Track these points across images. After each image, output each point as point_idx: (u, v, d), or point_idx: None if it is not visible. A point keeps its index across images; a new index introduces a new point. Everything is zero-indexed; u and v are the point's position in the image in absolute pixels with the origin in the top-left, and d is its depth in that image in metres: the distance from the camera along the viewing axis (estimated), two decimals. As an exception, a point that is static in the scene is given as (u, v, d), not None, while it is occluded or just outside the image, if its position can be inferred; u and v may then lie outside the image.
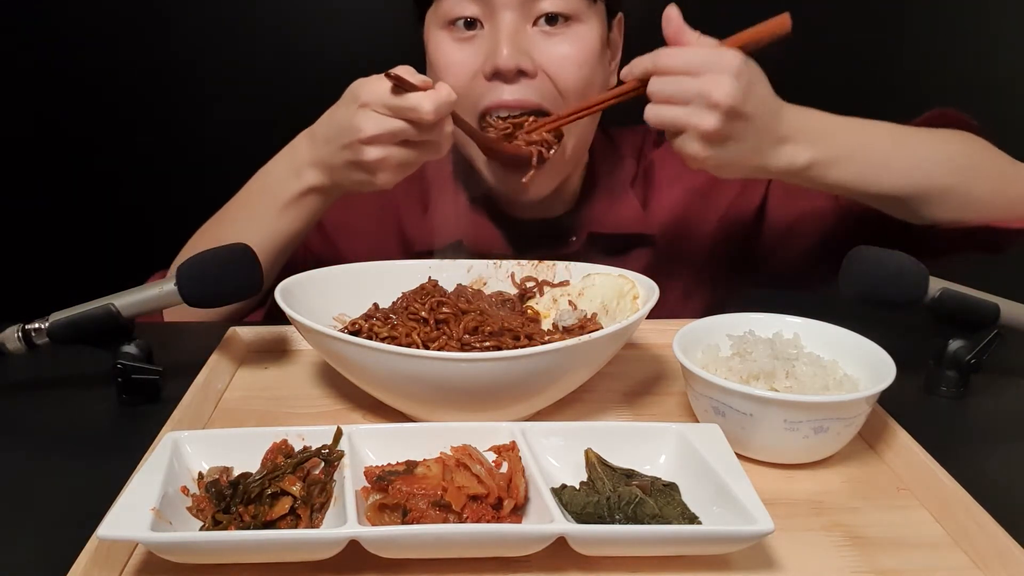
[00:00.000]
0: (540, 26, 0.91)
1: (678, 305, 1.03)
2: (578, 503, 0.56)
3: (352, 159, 0.82)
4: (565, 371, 0.68)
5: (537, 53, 0.90)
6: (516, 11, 0.89)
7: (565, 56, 0.91)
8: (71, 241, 1.69)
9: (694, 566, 0.53)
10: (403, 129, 0.79)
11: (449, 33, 0.92)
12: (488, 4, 0.89)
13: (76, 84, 1.62)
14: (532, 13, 0.90)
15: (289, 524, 0.55)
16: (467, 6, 0.90)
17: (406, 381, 0.66)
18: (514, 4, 0.89)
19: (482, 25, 0.91)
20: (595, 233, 1.04)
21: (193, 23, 1.60)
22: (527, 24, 0.90)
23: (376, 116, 0.79)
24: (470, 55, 0.91)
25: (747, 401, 0.63)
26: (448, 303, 0.74)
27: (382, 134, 0.79)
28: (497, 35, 0.89)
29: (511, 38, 0.88)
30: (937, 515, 0.60)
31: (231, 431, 0.64)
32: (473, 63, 0.91)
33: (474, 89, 0.91)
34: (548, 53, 0.90)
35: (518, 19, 0.89)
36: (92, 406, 0.75)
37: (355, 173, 0.84)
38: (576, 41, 0.91)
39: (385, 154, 0.80)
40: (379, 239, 1.06)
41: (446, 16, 0.92)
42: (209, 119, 1.63)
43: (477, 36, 0.91)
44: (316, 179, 0.87)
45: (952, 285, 0.75)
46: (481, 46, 0.91)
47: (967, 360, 0.76)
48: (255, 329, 0.87)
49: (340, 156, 0.83)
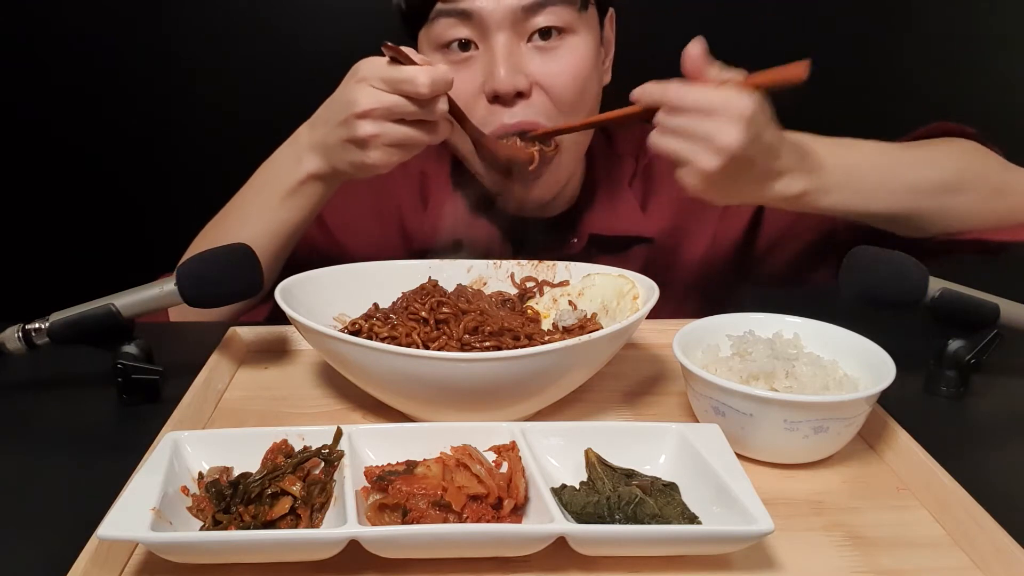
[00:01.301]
0: (535, 41, 0.90)
1: (678, 305, 1.03)
2: (578, 503, 0.56)
3: (346, 136, 0.81)
4: (565, 371, 0.68)
5: (533, 68, 0.90)
6: (509, 30, 0.89)
7: (561, 71, 0.91)
8: (71, 241, 1.69)
9: (694, 566, 0.53)
10: (398, 103, 0.78)
11: (444, 56, 0.92)
12: (481, 25, 0.89)
13: (76, 84, 1.62)
14: (525, 30, 0.90)
15: (289, 524, 0.55)
16: (460, 29, 0.90)
17: (406, 381, 0.66)
18: (507, 24, 0.88)
19: (476, 46, 0.91)
20: (595, 234, 1.05)
21: (193, 22, 1.60)
22: (521, 41, 0.90)
23: (372, 90, 0.79)
24: (467, 77, 0.90)
25: (747, 401, 0.63)
26: (448, 303, 0.74)
27: (376, 107, 0.78)
28: (493, 56, 0.89)
29: (507, 59, 0.88)
30: (937, 515, 0.60)
31: (231, 431, 0.64)
32: (471, 85, 0.91)
33: (476, 112, 0.91)
34: (544, 69, 0.90)
35: (512, 37, 0.89)
36: (92, 406, 0.75)
37: (349, 152, 0.83)
38: (570, 55, 0.91)
39: (379, 130, 0.80)
40: (381, 235, 1.06)
41: (439, 39, 0.91)
42: (209, 119, 1.63)
43: (473, 57, 0.91)
44: (314, 164, 0.87)
45: (952, 285, 0.75)
46: (478, 67, 0.91)
47: (967, 360, 0.76)
48: (255, 329, 0.87)
49: (335, 135, 0.83)
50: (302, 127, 0.89)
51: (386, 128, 0.80)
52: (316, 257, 1.01)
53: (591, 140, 1.02)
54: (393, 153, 0.82)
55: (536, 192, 0.96)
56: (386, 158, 0.82)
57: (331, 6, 1.60)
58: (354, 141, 0.81)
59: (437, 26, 0.91)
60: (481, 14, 0.88)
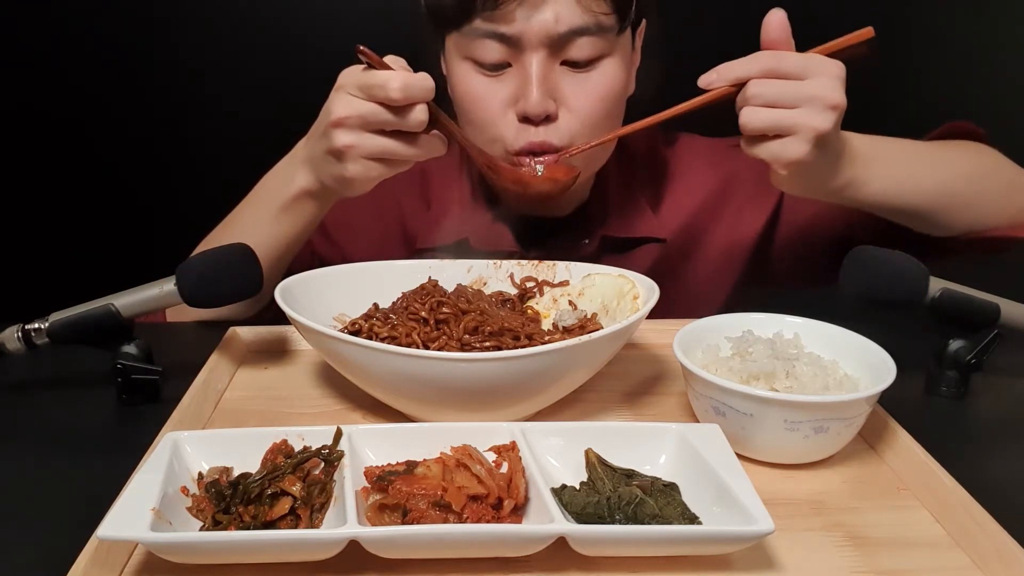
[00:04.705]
0: (568, 65, 0.89)
1: (691, 305, 1.02)
2: (578, 503, 0.56)
3: (327, 147, 0.79)
4: (565, 371, 0.68)
5: (564, 90, 0.88)
6: (544, 51, 0.87)
7: (591, 94, 0.89)
8: (71, 241, 1.69)
9: (694, 566, 0.53)
10: (372, 111, 0.75)
11: (474, 66, 0.90)
12: (517, 46, 0.87)
13: (76, 83, 1.62)
14: (561, 54, 0.88)
15: (289, 524, 0.55)
16: (495, 49, 0.87)
17: (406, 381, 0.66)
18: (543, 48, 0.86)
19: (509, 63, 0.89)
20: (608, 236, 1.04)
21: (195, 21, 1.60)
22: (556, 64, 0.88)
23: (348, 97, 0.76)
24: (497, 90, 0.89)
25: (747, 401, 0.63)
26: (448, 303, 0.74)
27: (351, 115, 0.76)
28: (527, 77, 0.87)
29: (541, 83, 0.87)
30: (937, 515, 0.60)
31: (231, 431, 0.64)
32: (501, 98, 0.89)
33: (506, 126, 0.89)
34: (575, 92, 0.89)
35: (547, 61, 0.87)
36: (92, 406, 0.75)
37: (329, 164, 0.80)
38: (602, 78, 0.90)
39: (355, 140, 0.77)
40: (382, 237, 1.05)
41: (473, 56, 0.89)
42: (210, 118, 1.63)
43: (505, 73, 0.89)
44: (305, 180, 0.86)
45: (952, 285, 0.75)
46: (509, 82, 0.89)
47: (967, 360, 0.76)
48: (255, 329, 0.87)
49: (319, 147, 0.81)
50: (301, 141, 0.88)
51: (363, 139, 0.77)
52: (317, 260, 1.01)
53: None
54: (372, 167, 0.78)
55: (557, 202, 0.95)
56: (364, 172, 0.79)
57: (341, 7, 1.60)
58: (333, 152, 0.79)
59: (474, 45, 0.88)
60: (520, 39, 0.86)
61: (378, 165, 0.79)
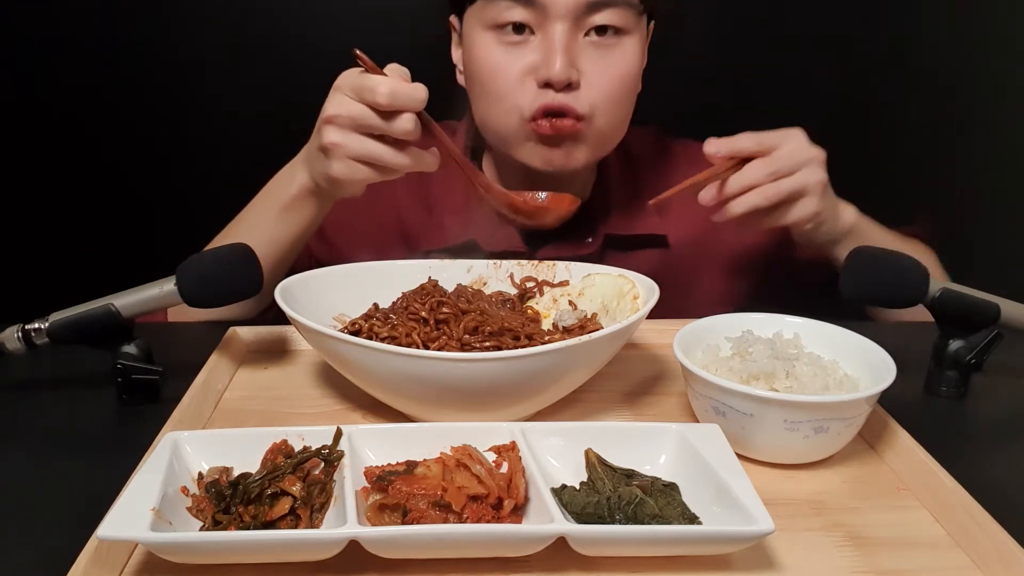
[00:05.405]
0: (591, 36, 0.90)
1: (698, 304, 1.02)
2: (578, 503, 0.56)
3: (317, 143, 0.81)
4: (565, 371, 0.68)
5: (585, 62, 0.90)
6: (569, 21, 0.88)
7: (611, 70, 0.91)
8: (71, 241, 1.69)
9: (694, 566, 0.53)
10: (361, 112, 0.77)
11: (496, 35, 0.91)
12: (542, 12, 0.88)
13: (76, 83, 1.62)
14: (584, 24, 0.90)
15: (289, 524, 0.55)
16: (518, 11, 0.89)
17: (406, 381, 0.66)
18: (568, 15, 0.88)
19: (532, 31, 0.90)
20: (611, 235, 1.04)
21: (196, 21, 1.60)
22: (579, 33, 0.90)
23: (341, 97, 0.79)
24: (517, 59, 0.90)
25: (747, 401, 0.63)
26: (448, 303, 0.74)
27: (341, 114, 0.78)
28: (551, 45, 0.88)
29: (565, 51, 0.88)
30: (937, 515, 0.60)
31: (231, 431, 0.64)
32: (521, 68, 0.90)
33: (524, 94, 0.91)
34: (596, 66, 0.91)
35: (571, 29, 0.89)
36: (92, 406, 0.75)
37: (319, 161, 0.82)
38: (623, 56, 0.92)
39: (342, 139, 0.79)
40: (380, 242, 1.05)
41: (494, 20, 0.91)
42: (211, 118, 1.63)
43: (526, 41, 0.90)
44: (304, 178, 0.87)
45: (952, 285, 0.75)
46: (529, 51, 0.90)
47: (967, 360, 0.76)
48: (255, 329, 0.87)
49: (312, 143, 0.83)
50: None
51: (349, 138, 0.79)
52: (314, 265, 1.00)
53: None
54: (359, 169, 0.80)
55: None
56: (349, 172, 0.80)
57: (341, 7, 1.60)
58: (322, 149, 0.81)
59: (493, 6, 0.90)
60: (545, 3, 0.87)
61: (364, 168, 0.80)
